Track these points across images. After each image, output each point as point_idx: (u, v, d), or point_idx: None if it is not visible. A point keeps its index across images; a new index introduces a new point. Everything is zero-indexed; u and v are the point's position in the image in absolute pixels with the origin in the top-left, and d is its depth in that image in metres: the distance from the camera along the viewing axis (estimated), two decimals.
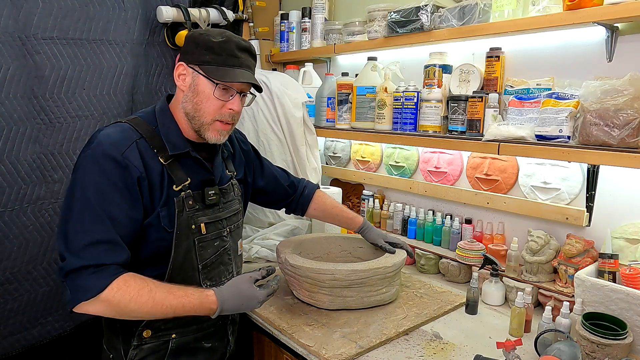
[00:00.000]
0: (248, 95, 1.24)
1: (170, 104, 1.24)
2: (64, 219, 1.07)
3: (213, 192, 1.24)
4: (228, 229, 1.30)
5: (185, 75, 1.19)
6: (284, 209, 1.68)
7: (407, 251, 1.58)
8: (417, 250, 1.92)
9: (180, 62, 1.19)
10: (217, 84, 1.15)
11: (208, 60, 1.15)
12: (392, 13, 1.80)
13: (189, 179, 1.19)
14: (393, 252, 1.55)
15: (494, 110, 1.58)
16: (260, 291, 1.17)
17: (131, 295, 1.03)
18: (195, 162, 1.23)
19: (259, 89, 1.23)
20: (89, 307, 1.02)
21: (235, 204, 1.36)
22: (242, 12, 2.42)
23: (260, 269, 1.22)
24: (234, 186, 1.37)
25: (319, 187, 1.71)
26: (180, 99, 1.21)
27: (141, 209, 1.12)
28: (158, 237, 1.16)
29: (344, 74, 2.17)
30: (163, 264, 1.17)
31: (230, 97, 1.18)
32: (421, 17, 1.69)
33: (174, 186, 1.16)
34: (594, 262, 1.41)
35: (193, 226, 1.20)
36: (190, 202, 1.19)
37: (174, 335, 1.22)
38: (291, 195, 1.63)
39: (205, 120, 1.18)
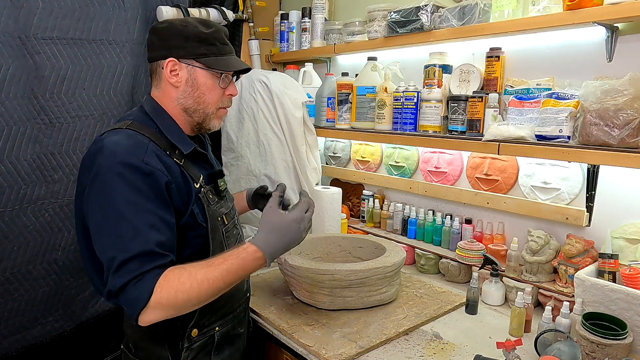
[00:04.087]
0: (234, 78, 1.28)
1: (161, 103, 1.20)
2: (100, 235, 1.03)
3: (223, 183, 1.27)
4: (236, 218, 1.34)
5: (177, 71, 1.16)
6: None
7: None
8: (417, 250, 1.92)
9: (171, 59, 1.14)
10: (222, 73, 1.18)
11: (204, 52, 1.15)
12: (392, 13, 1.80)
13: (201, 174, 1.20)
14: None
15: (494, 110, 1.58)
16: (290, 214, 1.11)
17: (175, 288, 0.98)
18: (199, 158, 1.24)
19: (248, 70, 1.27)
20: (149, 316, 0.99)
21: (230, 193, 1.39)
22: (242, 12, 2.42)
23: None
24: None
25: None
26: (173, 96, 1.18)
27: (172, 212, 1.09)
28: (195, 234, 1.15)
29: (344, 74, 2.17)
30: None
31: (227, 83, 1.22)
32: (421, 17, 1.69)
33: (195, 184, 1.16)
34: (594, 262, 1.41)
35: (219, 218, 1.21)
36: (211, 196, 1.20)
37: (217, 328, 1.24)
38: None
39: (210, 110, 1.20)
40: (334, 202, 1.97)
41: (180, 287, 0.98)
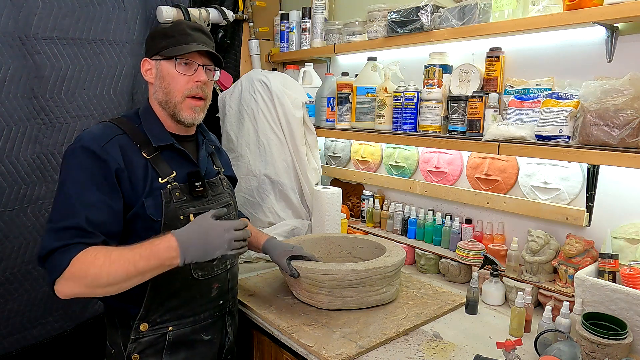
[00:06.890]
0: (214, 70, 1.30)
1: (150, 102, 1.30)
2: (50, 214, 1.13)
3: (200, 183, 1.27)
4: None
5: (150, 69, 1.27)
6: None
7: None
8: (417, 250, 1.92)
9: (144, 59, 1.28)
10: (176, 58, 1.21)
11: (164, 45, 1.23)
12: (392, 13, 1.80)
13: (174, 172, 1.23)
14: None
15: (494, 110, 1.58)
16: (221, 221, 1.11)
17: (89, 262, 1.03)
18: (180, 155, 1.27)
19: (219, 62, 1.29)
20: (63, 288, 1.06)
21: (226, 197, 1.38)
22: (242, 12, 2.42)
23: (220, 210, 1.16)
24: (222, 180, 1.40)
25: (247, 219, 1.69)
26: (152, 93, 1.28)
27: (120, 200, 1.15)
28: (145, 226, 1.17)
29: (344, 74, 2.17)
30: None
31: (194, 71, 1.24)
32: (421, 17, 1.69)
33: (160, 179, 1.20)
34: (594, 262, 1.41)
35: (181, 217, 1.22)
36: (178, 194, 1.22)
37: (170, 328, 1.25)
38: None
39: (177, 99, 1.24)
40: (334, 202, 1.98)
41: (93, 262, 1.03)
